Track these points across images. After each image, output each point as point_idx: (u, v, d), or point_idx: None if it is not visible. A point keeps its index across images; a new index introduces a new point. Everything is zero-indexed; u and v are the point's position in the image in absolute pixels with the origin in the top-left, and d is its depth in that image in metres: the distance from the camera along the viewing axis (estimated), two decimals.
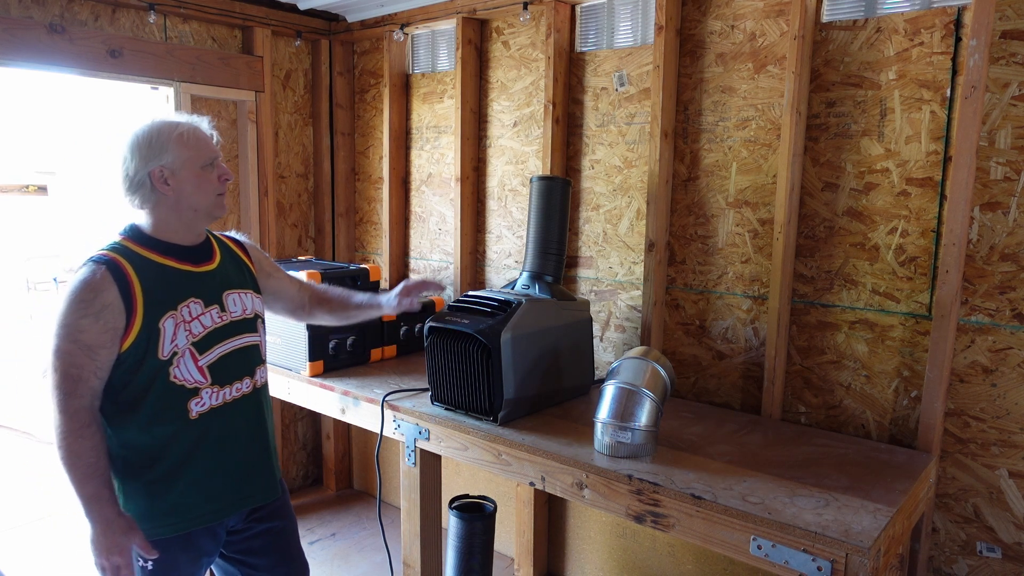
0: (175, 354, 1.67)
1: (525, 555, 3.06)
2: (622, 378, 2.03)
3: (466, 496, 2.77)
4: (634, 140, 2.72)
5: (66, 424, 1.58)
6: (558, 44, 2.82)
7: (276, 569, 1.94)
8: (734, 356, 2.55)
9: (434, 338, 2.31)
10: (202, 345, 1.72)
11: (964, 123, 1.96)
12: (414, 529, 2.49)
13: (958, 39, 2.04)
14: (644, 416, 1.98)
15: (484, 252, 3.28)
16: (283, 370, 2.82)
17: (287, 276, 2.11)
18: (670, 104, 2.57)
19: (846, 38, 2.22)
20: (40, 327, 7.43)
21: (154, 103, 3.18)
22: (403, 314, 2.99)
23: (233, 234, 1.99)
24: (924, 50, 2.09)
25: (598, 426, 2.03)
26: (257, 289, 1.92)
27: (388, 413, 2.45)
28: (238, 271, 1.88)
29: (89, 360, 1.58)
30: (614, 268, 2.84)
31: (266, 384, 1.92)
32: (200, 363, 1.72)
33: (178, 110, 3.11)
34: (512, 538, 3.21)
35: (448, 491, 2.95)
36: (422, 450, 2.40)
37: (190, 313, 1.71)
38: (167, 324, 1.66)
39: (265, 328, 1.93)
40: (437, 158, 3.41)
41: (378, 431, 2.48)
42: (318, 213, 3.85)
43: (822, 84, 2.28)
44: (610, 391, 2.03)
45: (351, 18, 3.54)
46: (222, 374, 1.76)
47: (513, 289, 2.52)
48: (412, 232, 3.59)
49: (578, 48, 2.86)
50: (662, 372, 2.07)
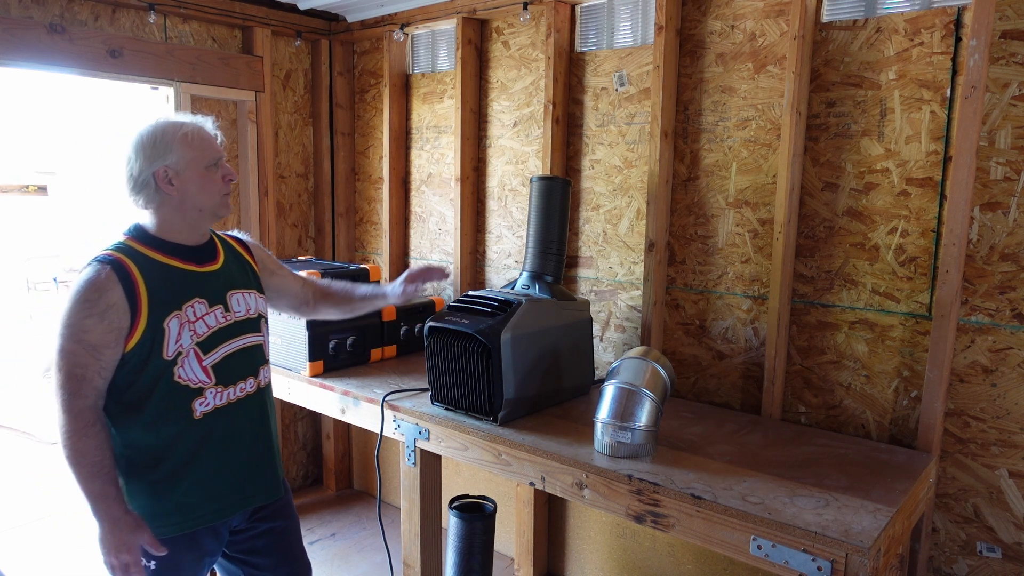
0: (180, 354, 1.68)
1: (525, 555, 3.06)
2: (622, 378, 2.04)
3: (466, 496, 2.77)
4: (634, 140, 2.72)
5: (70, 423, 1.58)
6: (558, 44, 2.82)
7: (279, 569, 1.94)
8: (734, 356, 2.56)
9: (434, 338, 2.31)
10: (206, 345, 1.72)
11: (964, 123, 1.96)
12: (414, 529, 2.49)
13: (958, 39, 2.04)
14: (644, 416, 1.98)
15: (484, 252, 3.28)
16: (283, 370, 2.82)
17: (290, 273, 2.11)
18: (670, 104, 2.57)
19: (846, 38, 2.22)
20: (40, 327, 7.43)
21: (154, 103, 3.18)
22: (403, 314, 3.03)
23: (236, 233, 1.99)
24: (924, 50, 2.09)
25: (598, 426, 2.03)
26: (260, 289, 1.92)
27: (388, 413, 2.45)
28: (241, 271, 1.88)
29: (93, 360, 1.59)
30: (614, 268, 2.84)
31: (269, 384, 1.93)
32: (204, 363, 1.72)
33: (178, 110, 3.11)
34: (512, 538, 3.21)
35: (448, 491, 2.95)
36: (422, 450, 2.40)
37: (195, 313, 1.71)
38: (172, 324, 1.66)
39: (268, 328, 1.94)
40: (437, 158, 3.41)
41: (378, 431, 2.48)
42: (318, 213, 3.85)
43: (822, 84, 2.28)
44: (610, 391, 2.03)
45: (351, 18, 3.54)
46: (226, 374, 1.77)
47: (513, 289, 2.52)
48: (412, 232, 3.59)
49: (578, 48, 2.86)
50: (662, 372, 2.07)
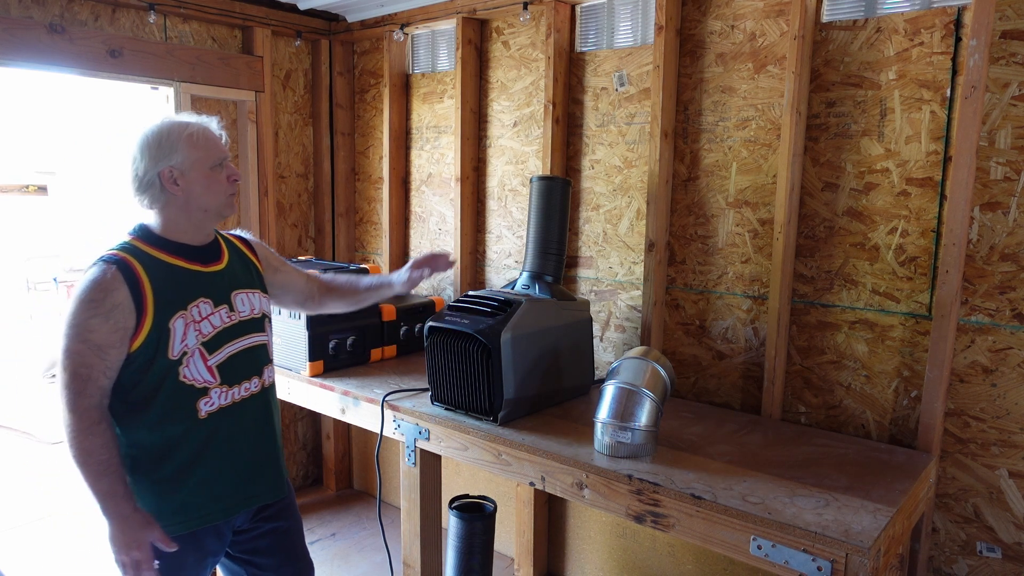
0: (185, 354, 1.68)
1: (525, 555, 3.06)
2: (622, 378, 2.03)
3: (466, 496, 2.77)
4: (634, 140, 2.72)
5: (76, 423, 1.58)
6: (558, 44, 2.82)
7: (282, 569, 1.95)
8: (734, 356, 2.56)
9: (434, 338, 2.31)
10: (211, 345, 1.73)
11: (964, 123, 1.96)
12: (414, 529, 2.49)
13: (958, 39, 2.04)
14: (644, 416, 1.98)
15: (484, 252, 3.28)
16: (283, 370, 2.82)
17: (294, 269, 2.12)
18: (670, 104, 2.57)
19: (846, 38, 2.22)
20: (40, 327, 7.43)
21: (154, 103, 3.18)
22: (403, 314, 3.02)
23: (239, 232, 1.99)
24: (924, 50, 2.09)
25: (598, 426, 2.03)
26: (264, 289, 1.93)
27: (388, 413, 2.45)
28: (246, 270, 1.88)
29: (99, 360, 1.59)
30: (614, 268, 2.84)
31: (273, 384, 1.93)
32: (209, 363, 1.72)
33: (178, 110, 3.11)
34: (512, 538, 3.21)
35: (448, 491, 2.95)
36: (422, 450, 2.40)
37: (200, 313, 1.71)
38: (177, 324, 1.67)
39: (272, 328, 1.94)
40: (437, 158, 3.41)
41: (378, 431, 2.48)
42: (318, 213, 3.85)
43: (822, 84, 2.28)
44: (610, 391, 2.03)
45: (351, 18, 3.54)
46: (231, 374, 1.77)
47: (513, 289, 2.52)
48: (412, 232, 3.59)
49: (578, 48, 2.86)
50: (662, 372, 2.07)
